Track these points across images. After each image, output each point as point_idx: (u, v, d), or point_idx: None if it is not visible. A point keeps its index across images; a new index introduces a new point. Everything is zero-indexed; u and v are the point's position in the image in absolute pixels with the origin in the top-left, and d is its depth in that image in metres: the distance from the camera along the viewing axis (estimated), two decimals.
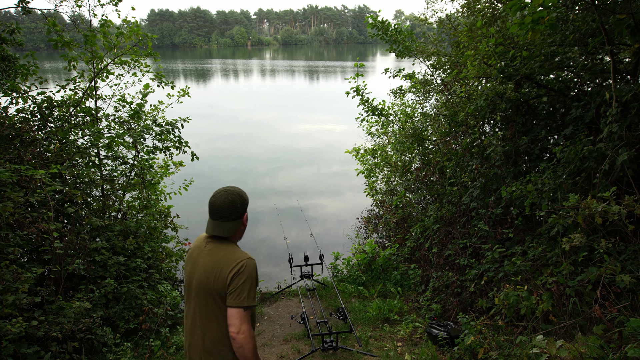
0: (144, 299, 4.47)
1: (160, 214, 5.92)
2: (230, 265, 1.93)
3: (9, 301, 3.11)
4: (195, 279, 2.01)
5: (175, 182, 6.33)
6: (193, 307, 2.04)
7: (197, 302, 2.01)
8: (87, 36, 4.97)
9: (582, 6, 4.01)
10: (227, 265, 1.94)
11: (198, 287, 2.00)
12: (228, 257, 1.96)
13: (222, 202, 2.01)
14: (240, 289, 1.91)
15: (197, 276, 2.01)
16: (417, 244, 5.97)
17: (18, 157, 4.24)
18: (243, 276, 1.92)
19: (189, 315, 2.09)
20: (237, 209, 2.03)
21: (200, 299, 2.00)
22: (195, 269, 2.02)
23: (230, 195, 2.02)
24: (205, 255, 2.01)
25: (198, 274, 2.00)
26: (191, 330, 2.07)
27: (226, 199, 2.01)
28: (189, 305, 2.09)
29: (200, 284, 1.98)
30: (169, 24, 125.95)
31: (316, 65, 58.30)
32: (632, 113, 3.24)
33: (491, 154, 4.70)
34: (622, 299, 2.85)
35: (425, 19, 8.27)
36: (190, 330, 2.07)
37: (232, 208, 2.01)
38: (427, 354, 3.75)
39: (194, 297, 2.03)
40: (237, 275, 1.92)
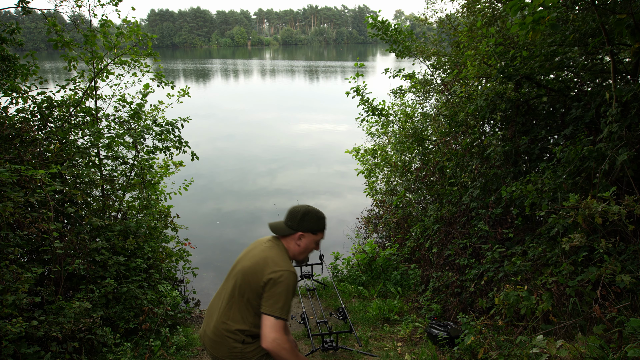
0: (144, 299, 4.47)
1: (160, 214, 5.92)
2: (273, 268, 2.00)
3: (9, 301, 3.11)
4: (240, 265, 2.11)
5: (175, 182, 6.33)
6: (225, 289, 2.13)
7: (231, 285, 2.08)
8: (87, 36, 4.97)
9: (582, 6, 4.01)
10: (270, 266, 2.00)
11: (238, 273, 2.08)
12: (275, 261, 2.03)
13: (294, 207, 2.21)
14: (277, 298, 1.97)
15: (242, 263, 2.10)
16: (417, 244, 5.97)
17: (18, 157, 4.24)
18: (281, 286, 1.97)
19: (218, 295, 2.19)
20: (296, 219, 2.15)
21: (234, 284, 2.06)
22: (246, 256, 2.13)
23: (303, 207, 2.20)
24: (260, 248, 2.12)
25: (244, 262, 2.10)
26: (212, 309, 2.16)
27: (298, 207, 2.20)
28: (222, 286, 2.18)
29: (241, 270, 2.06)
30: (169, 24, 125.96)
31: (316, 65, 58.31)
32: (632, 113, 3.23)
33: (491, 154, 4.70)
34: (622, 299, 2.85)
35: (425, 19, 8.28)
36: (212, 308, 2.17)
37: (293, 215, 2.17)
38: (427, 354, 3.75)
39: (231, 280, 2.11)
40: (275, 283, 1.97)
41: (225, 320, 2.06)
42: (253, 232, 8.95)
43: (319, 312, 4.91)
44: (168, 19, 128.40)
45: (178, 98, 6.05)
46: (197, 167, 8.57)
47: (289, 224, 2.16)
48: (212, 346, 2.10)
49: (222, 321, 2.06)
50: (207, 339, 2.12)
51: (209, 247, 8.12)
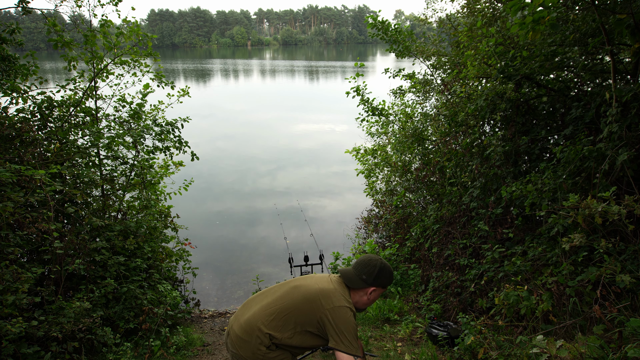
0: (144, 299, 4.47)
1: (160, 214, 5.92)
2: (343, 305, 2.04)
3: (9, 301, 3.11)
4: (305, 287, 2.13)
5: (176, 182, 6.34)
6: (276, 299, 2.14)
7: (285, 299, 2.12)
8: (87, 36, 4.97)
9: (582, 6, 4.01)
10: (341, 304, 2.04)
11: (300, 295, 2.10)
12: (344, 299, 2.07)
13: (367, 259, 2.18)
14: (349, 338, 2.00)
15: (309, 287, 2.12)
16: (417, 244, 5.97)
17: (18, 157, 4.24)
18: (349, 325, 2.02)
19: (264, 294, 2.22)
20: (372, 274, 2.14)
21: (292, 302, 2.10)
22: (313, 281, 2.16)
23: (379, 262, 2.17)
24: (329, 282, 2.15)
25: (311, 287, 2.11)
26: (251, 305, 2.19)
27: (373, 261, 2.17)
28: (274, 289, 2.22)
29: (305, 294, 2.09)
30: (169, 24, 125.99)
31: (316, 65, 58.32)
32: (632, 113, 3.23)
33: (491, 154, 4.70)
34: (622, 299, 2.85)
35: (425, 19, 8.28)
36: (252, 303, 2.20)
37: (370, 269, 2.15)
38: (427, 354, 3.75)
39: (285, 294, 2.14)
40: (343, 321, 2.01)
41: (262, 322, 2.09)
42: (253, 232, 8.95)
43: None
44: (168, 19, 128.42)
45: (178, 98, 6.05)
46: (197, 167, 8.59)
47: (363, 278, 2.15)
48: (237, 343, 2.11)
49: (258, 321, 2.09)
50: (234, 334, 2.13)
51: (209, 247, 8.12)
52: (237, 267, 7.49)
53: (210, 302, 6.30)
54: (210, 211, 10.18)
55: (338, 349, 1.98)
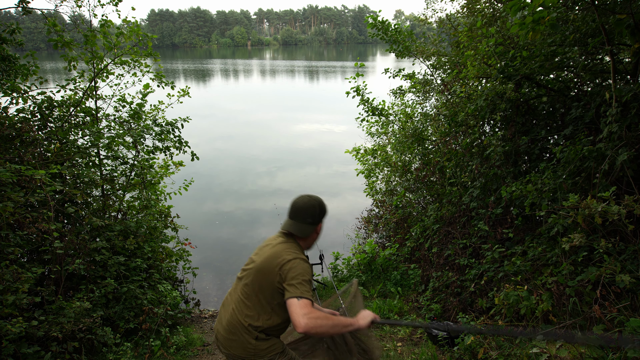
0: (144, 299, 4.47)
1: (160, 214, 5.93)
2: (284, 262, 2.04)
3: (9, 301, 3.11)
4: (254, 263, 2.14)
5: (176, 182, 6.34)
6: (241, 287, 2.17)
7: (244, 282, 2.15)
8: (87, 36, 4.97)
9: (582, 6, 4.01)
10: (281, 260, 2.05)
11: (251, 270, 2.14)
12: (288, 252, 2.08)
13: (303, 203, 2.20)
14: (295, 281, 1.98)
15: (257, 261, 2.14)
16: (417, 244, 5.97)
17: (18, 157, 4.23)
18: (296, 270, 2.01)
19: (231, 293, 2.25)
20: (315, 215, 2.20)
21: (248, 281, 2.13)
22: (259, 255, 2.17)
23: (312, 200, 2.22)
24: (272, 246, 2.16)
25: (259, 260, 2.14)
26: (226, 306, 2.22)
27: (308, 202, 2.21)
28: (235, 284, 2.25)
29: (257, 268, 2.11)
30: (169, 24, 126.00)
31: (316, 65, 58.32)
32: (632, 113, 3.24)
33: (491, 154, 4.70)
34: (622, 299, 2.85)
35: (425, 19, 8.28)
36: (225, 306, 2.23)
37: (310, 211, 2.19)
38: (427, 354, 3.75)
39: (244, 278, 2.17)
40: (290, 270, 2.01)
41: (239, 317, 2.10)
42: (252, 233, 8.95)
43: None
44: (168, 19, 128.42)
45: (178, 98, 6.05)
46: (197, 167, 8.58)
47: (309, 221, 2.18)
48: (226, 343, 2.14)
49: (237, 317, 2.11)
50: (221, 336, 2.16)
51: (208, 247, 8.12)
52: (237, 267, 7.48)
53: (210, 302, 6.30)
54: (210, 211, 10.17)
55: (292, 296, 1.93)
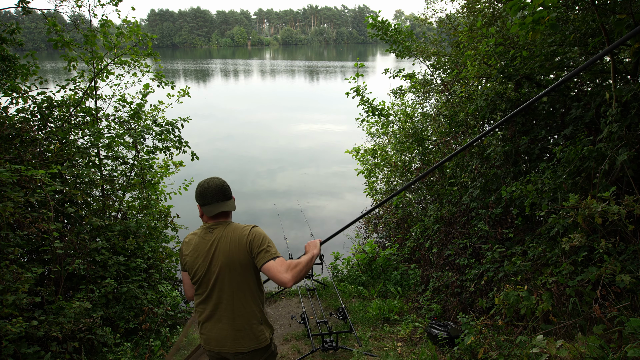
0: (144, 299, 4.47)
1: (160, 214, 5.93)
2: (244, 236, 2.11)
3: (9, 301, 3.11)
4: (217, 267, 2.12)
5: (176, 182, 6.34)
6: (217, 294, 2.14)
7: (224, 286, 2.13)
8: (87, 36, 4.97)
9: (582, 6, 4.01)
10: (242, 237, 2.11)
11: (224, 272, 2.11)
12: (239, 232, 2.13)
13: (216, 184, 2.21)
14: (265, 248, 2.09)
15: (219, 264, 2.11)
16: (417, 244, 5.97)
17: (18, 157, 4.24)
18: (258, 238, 2.11)
19: (209, 305, 2.17)
20: (227, 190, 2.26)
21: (229, 281, 2.12)
22: (214, 258, 2.13)
23: (218, 179, 2.26)
24: (218, 242, 2.14)
25: (220, 261, 2.11)
26: (216, 319, 2.17)
27: (218, 182, 2.23)
28: (210, 295, 2.16)
29: (227, 266, 2.10)
30: (169, 24, 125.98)
31: (316, 65, 58.31)
32: (632, 113, 3.24)
33: (491, 154, 4.70)
34: (622, 299, 2.85)
35: (425, 19, 8.27)
36: (215, 319, 2.17)
37: (226, 187, 2.25)
38: (427, 354, 3.75)
39: (218, 284, 2.13)
40: (254, 240, 2.10)
41: (242, 310, 2.14)
42: None
43: (319, 312, 4.91)
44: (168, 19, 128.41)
45: (178, 98, 6.05)
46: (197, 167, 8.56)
47: (230, 195, 2.26)
48: (236, 342, 2.15)
49: (240, 312, 2.14)
50: (229, 340, 2.16)
51: None
52: None
53: None
54: None
55: (267, 260, 2.04)
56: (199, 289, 2.20)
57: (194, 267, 2.17)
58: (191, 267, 2.18)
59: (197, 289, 2.21)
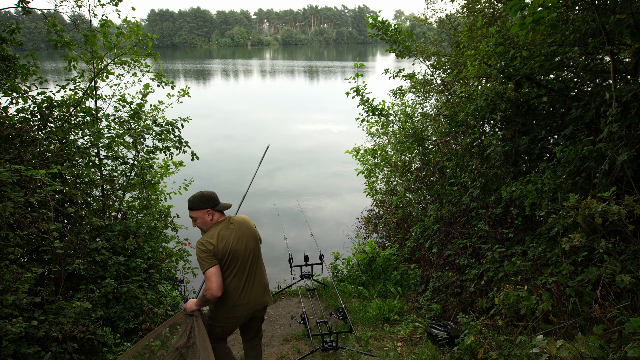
0: (144, 299, 4.47)
1: (160, 214, 5.93)
2: (252, 225, 3.00)
3: (9, 301, 3.11)
4: (243, 248, 2.81)
5: (176, 182, 6.34)
6: (249, 267, 2.87)
7: (251, 261, 2.87)
8: (87, 36, 4.97)
9: (582, 6, 4.01)
10: (251, 225, 2.98)
11: (250, 251, 2.87)
12: (247, 221, 2.98)
13: (210, 192, 2.89)
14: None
15: (244, 246, 2.83)
16: (417, 244, 5.97)
17: (18, 157, 4.24)
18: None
19: (245, 275, 2.85)
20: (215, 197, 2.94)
21: (253, 257, 2.89)
22: (238, 241, 2.80)
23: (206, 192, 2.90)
24: (238, 229, 2.84)
25: (245, 243, 2.84)
26: (251, 285, 2.88)
27: (206, 192, 2.88)
28: (242, 269, 2.83)
29: (254, 243, 2.91)
30: (169, 24, 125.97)
31: (316, 65, 58.30)
32: (632, 113, 3.24)
33: (491, 154, 4.70)
34: (622, 299, 2.85)
35: (425, 19, 8.27)
36: (251, 284, 2.89)
37: (214, 196, 2.91)
38: (427, 354, 3.75)
39: (251, 258, 2.87)
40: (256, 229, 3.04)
41: (263, 274, 3.03)
42: None
43: (319, 312, 4.91)
44: (168, 19, 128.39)
45: (178, 98, 6.05)
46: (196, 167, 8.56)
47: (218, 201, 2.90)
48: (264, 297, 2.98)
49: (262, 276, 3.00)
50: (261, 297, 2.95)
51: None
52: None
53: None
54: None
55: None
56: (234, 267, 2.79)
57: (226, 248, 2.73)
58: (225, 253, 2.72)
59: (232, 268, 2.78)
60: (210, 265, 2.66)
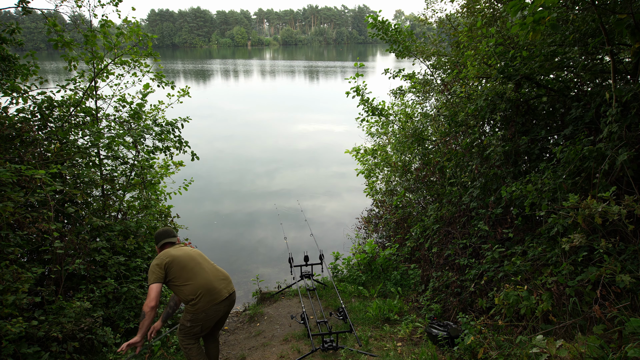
0: (144, 299, 4.47)
1: (160, 214, 5.93)
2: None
3: (9, 301, 3.11)
4: (196, 257, 3.37)
5: (176, 182, 6.34)
6: (204, 267, 3.34)
7: (204, 264, 3.38)
8: (87, 36, 4.97)
9: (582, 6, 4.01)
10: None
11: (200, 260, 3.38)
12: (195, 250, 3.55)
13: (169, 229, 3.53)
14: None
15: (195, 255, 3.39)
16: (417, 244, 5.97)
17: (18, 157, 4.24)
18: None
19: (203, 271, 3.29)
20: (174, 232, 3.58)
21: (203, 263, 3.39)
22: (190, 254, 3.36)
23: (164, 227, 3.55)
24: (188, 249, 3.42)
25: (195, 254, 3.39)
26: (210, 275, 3.32)
27: (167, 229, 3.52)
28: (199, 268, 3.30)
29: (200, 257, 3.42)
30: (169, 24, 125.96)
31: (316, 65, 58.30)
32: (632, 113, 3.24)
33: (491, 154, 4.70)
34: (622, 299, 2.85)
35: (425, 19, 8.27)
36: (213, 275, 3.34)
37: (171, 231, 3.53)
38: (427, 354, 3.75)
39: (201, 260, 3.39)
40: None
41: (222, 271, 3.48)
42: (250, 234, 8.95)
43: (319, 312, 4.91)
44: (168, 19, 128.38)
45: (178, 98, 6.05)
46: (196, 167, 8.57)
47: (174, 234, 3.52)
48: (228, 286, 3.38)
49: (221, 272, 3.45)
50: (223, 289, 3.31)
51: (208, 247, 8.12)
52: (236, 267, 7.49)
53: None
54: (208, 212, 10.17)
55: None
56: (189, 265, 3.28)
57: (183, 259, 3.27)
58: (181, 259, 3.27)
59: (187, 278, 3.24)
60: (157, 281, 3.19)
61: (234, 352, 4.35)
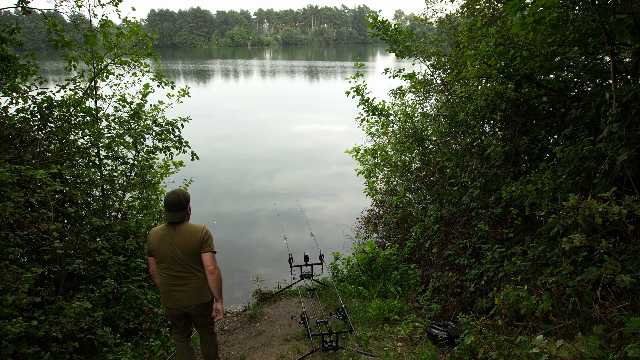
0: (144, 299, 4.47)
1: (160, 214, 5.92)
2: (199, 232, 3.13)
3: (9, 301, 3.11)
4: (176, 252, 3.09)
5: (176, 182, 6.33)
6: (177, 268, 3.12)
7: (179, 265, 3.11)
8: (87, 36, 4.97)
9: (583, 6, 4.01)
10: (197, 233, 3.12)
11: (181, 255, 3.10)
12: (194, 229, 3.14)
13: (172, 200, 3.08)
14: (210, 242, 3.16)
15: (178, 250, 3.09)
16: (417, 244, 5.97)
17: (18, 157, 4.23)
18: (208, 235, 3.17)
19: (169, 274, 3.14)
20: (182, 203, 3.11)
21: (182, 262, 3.11)
22: (174, 245, 3.09)
23: (176, 195, 3.11)
24: (178, 235, 3.10)
25: (179, 248, 3.09)
26: (176, 283, 3.14)
27: (174, 197, 3.09)
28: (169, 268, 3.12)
29: (183, 252, 3.09)
30: (169, 24, 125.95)
31: (316, 65, 58.29)
32: (632, 113, 3.24)
33: (491, 154, 4.70)
34: (622, 299, 2.85)
35: (425, 19, 8.26)
36: (174, 283, 3.14)
37: (179, 201, 3.10)
38: (427, 354, 3.75)
39: (175, 263, 3.11)
40: (206, 235, 3.15)
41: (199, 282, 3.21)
42: (250, 234, 8.94)
43: (319, 312, 4.91)
44: (168, 19, 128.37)
45: (178, 98, 6.05)
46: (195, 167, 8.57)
47: (180, 209, 3.09)
48: (191, 299, 3.19)
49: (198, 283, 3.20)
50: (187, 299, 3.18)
51: None
52: (236, 267, 7.49)
53: None
54: (208, 212, 10.17)
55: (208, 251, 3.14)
56: (161, 263, 3.13)
57: (160, 249, 3.09)
58: (159, 249, 3.10)
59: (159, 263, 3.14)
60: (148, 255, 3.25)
61: (234, 352, 4.35)
